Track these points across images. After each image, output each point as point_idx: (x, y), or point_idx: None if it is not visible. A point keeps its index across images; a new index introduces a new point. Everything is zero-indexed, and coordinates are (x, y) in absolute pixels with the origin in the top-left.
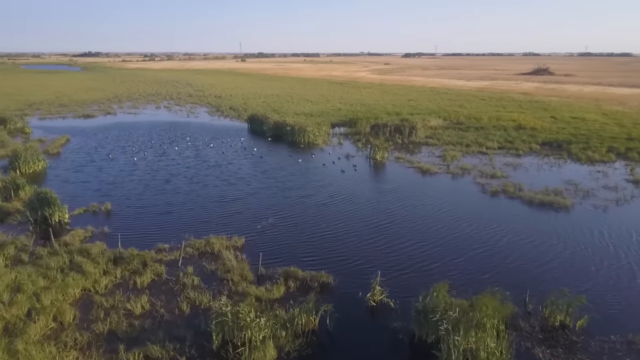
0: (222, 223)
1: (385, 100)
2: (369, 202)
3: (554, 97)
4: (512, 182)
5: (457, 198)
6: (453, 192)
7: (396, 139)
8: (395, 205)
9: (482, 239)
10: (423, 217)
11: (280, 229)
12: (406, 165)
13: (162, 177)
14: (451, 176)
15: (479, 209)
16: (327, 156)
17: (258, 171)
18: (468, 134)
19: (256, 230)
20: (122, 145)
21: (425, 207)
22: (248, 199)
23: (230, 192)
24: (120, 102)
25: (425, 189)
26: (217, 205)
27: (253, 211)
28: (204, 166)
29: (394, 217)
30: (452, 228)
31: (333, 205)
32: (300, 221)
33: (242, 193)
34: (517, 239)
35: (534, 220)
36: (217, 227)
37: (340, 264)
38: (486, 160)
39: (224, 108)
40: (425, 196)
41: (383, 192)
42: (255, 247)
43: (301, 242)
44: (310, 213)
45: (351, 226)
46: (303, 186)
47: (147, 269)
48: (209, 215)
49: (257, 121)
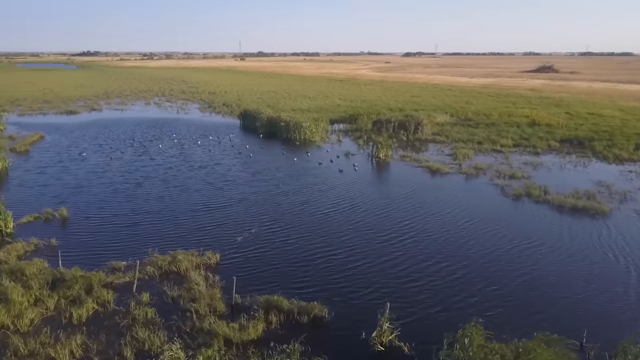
0: (196, 235)
1: (387, 97)
2: (373, 211)
3: (564, 93)
4: (536, 183)
5: (476, 203)
6: (470, 196)
7: (401, 136)
8: (404, 215)
9: (515, 258)
10: (440, 229)
11: (265, 243)
12: (413, 165)
13: (136, 179)
14: (465, 177)
15: (503, 218)
16: (325, 154)
17: (247, 173)
18: (478, 130)
19: (236, 245)
20: (99, 143)
21: (442, 216)
22: (232, 206)
23: (212, 198)
24: (108, 99)
25: (437, 193)
26: (195, 213)
27: (236, 221)
28: (186, 167)
29: (405, 230)
30: (477, 244)
31: (330, 215)
32: (289, 234)
33: (225, 199)
34: (558, 258)
35: (571, 231)
36: (190, 241)
37: (338, 291)
38: (502, 159)
39: (216, 104)
40: (439, 202)
41: (389, 196)
42: (232, 266)
43: (289, 262)
44: (303, 224)
45: (352, 242)
46: (297, 190)
47: (90, 296)
48: (183, 226)
49: (249, 117)
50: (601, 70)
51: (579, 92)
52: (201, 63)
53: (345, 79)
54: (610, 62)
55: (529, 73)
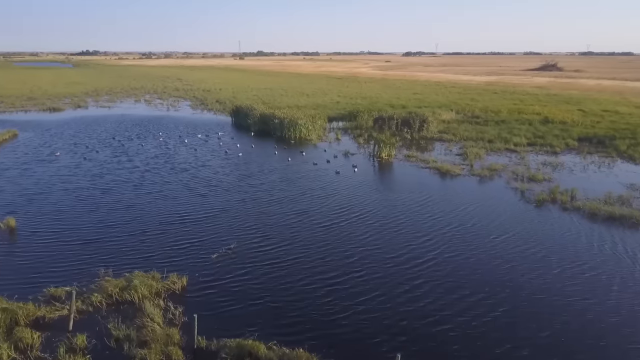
0: (163, 254)
1: (389, 94)
2: (380, 224)
3: (572, 90)
4: (560, 187)
5: (499, 212)
6: (489, 203)
7: (404, 134)
8: (419, 229)
9: (567, 288)
10: (464, 248)
11: (247, 265)
12: (419, 165)
13: (106, 184)
14: (478, 179)
15: (535, 231)
16: (322, 154)
17: (235, 176)
18: (488, 128)
19: (209, 265)
20: (75, 142)
21: (463, 230)
22: (213, 217)
23: (191, 207)
24: (97, 96)
25: (452, 199)
26: (166, 227)
27: (215, 236)
28: (167, 170)
29: (422, 250)
30: (514, 268)
31: (329, 230)
32: (278, 255)
33: (206, 209)
34: (616, 288)
35: (620, 249)
36: (155, 260)
37: (335, 335)
38: (517, 159)
39: (209, 101)
40: (455, 211)
41: (397, 205)
42: (201, 293)
43: (275, 292)
44: (294, 242)
45: (355, 265)
46: (290, 198)
47: (10, 338)
48: (149, 242)
49: (241, 114)
50: (605, 68)
51: (589, 89)
52: (199, 62)
53: (345, 77)
54: (612, 61)
55: (532, 71)
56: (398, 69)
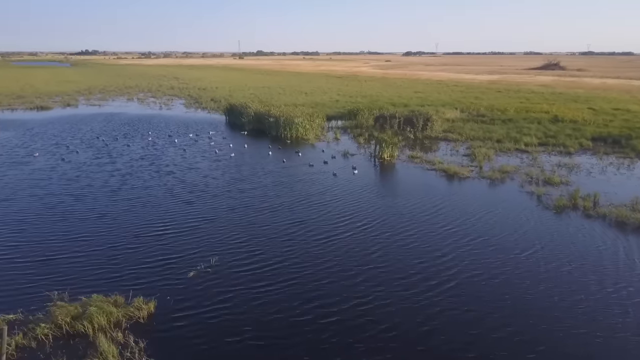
0: (132, 273)
1: (390, 92)
2: (381, 235)
3: (578, 89)
4: (580, 191)
5: (515, 220)
6: (503, 209)
7: (407, 133)
8: (433, 243)
9: (615, 324)
10: (483, 266)
11: (226, 286)
12: (424, 167)
13: (80, 189)
14: (489, 182)
15: (561, 244)
16: (319, 154)
17: (225, 180)
18: (495, 127)
19: (183, 287)
20: (57, 142)
21: (478, 242)
22: (196, 229)
23: (172, 216)
24: (89, 94)
25: (462, 204)
26: (141, 240)
27: (193, 251)
28: (150, 173)
29: (439, 271)
30: (551, 293)
31: (320, 245)
32: (261, 277)
33: (189, 218)
34: None
35: None
36: (121, 280)
37: None
38: (529, 160)
39: (204, 100)
40: (471, 220)
41: (405, 213)
42: (168, 325)
43: (255, 324)
44: (281, 259)
45: (352, 292)
46: (282, 205)
47: None
48: (118, 258)
49: (236, 112)
50: (607, 67)
51: (594, 88)
52: (198, 61)
53: (345, 76)
54: (613, 61)
55: (534, 70)
56: (398, 68)
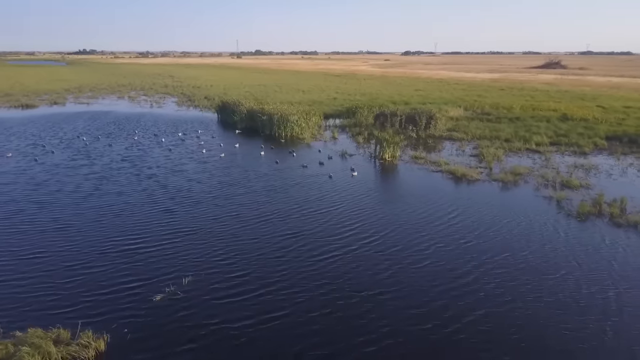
0: (86, 298)
1: (389, 90)
2: (388, 251)
3: (583, 87)
4: (604, 196)
5: (537, 231)
6: (521, 217)
7: (409, 132)
8: (441, 260)
9: None
10: (511, 292)
11: (199, 317)
12: (429, 168)
13: (46, 195)
14: (501, 185)
15: (597, 262)
16: (315, 155)
17: (211, 184)
18: (502, 126)
19: (145, 317)
20: (35, 142)
21: (501, 261)
22: (171, 243)
23: (147, 228)
24: (79, 92)
25: (475, 211)
26: (104, 257)
27: (165, 269)
28: (129, 177)
29: (450, 297)
30: (599, 341)
31: (316, 265)
32: (245, 305)
33: (166, 229)
34: None
35: None
36: (72, 308)
37: None
38: (541, 161)
39: (197, 98)
40: (485, 229)
41: (407, 220)
42: None
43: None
44: (270, 282)
45: (358, 332)
46: (272, 214)
47: None
48: (72, 281)
49: (228, 110)
50: (608, 66)
51: (600, 86)
52: (195, 60)
53: (343, 74)
54: (613, 60)
55: (536, 69)
56: (398, 67)
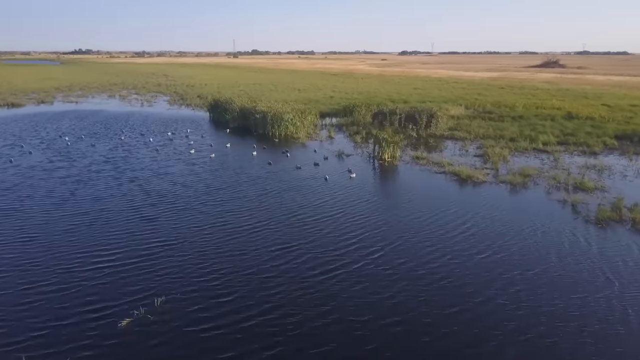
0: (37, 329)
1: (387, 89)
2: (395, 269)
3: (585, 85)
4: (624, 199)
5: (555, 241)
6: (537, 224)
7: (409, 131)
8: (458, 281)
9: None
10: (543, 321)
11: (173, 347)
12: (432, 170)
13: (14, 201)
14: (509, 187)
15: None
16: (311, 155)
17: (196, 189)
18: (505, 124)
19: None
20: (14, 142)
21: (523, 281)
22: (147, 258)
23: (122, 239)
24: (69, 91)
25: (487, 219)
26: (69, 276)
27: (136, 288)
28: (108, 181)
29: (471, 328)
30: None
31: (308, 286)
32: (224, 335)
33: (143, 241)
34: None
35: None
36: (31, 333)
37: None
38: (550, 162)
39: (189, 97)
40: (499, 239)
41: (414, 229)
42: None
43: None
44: (257, 306)
45: None
46: (261, 223)
47: None
48: (26, 305)
49: (220, 109)
50: (607, 66)
51: (601, 85)
52: (191, 60)
53: (340, 73)
54: (609, 60)
55: (534, 68)
56: (395, 66)
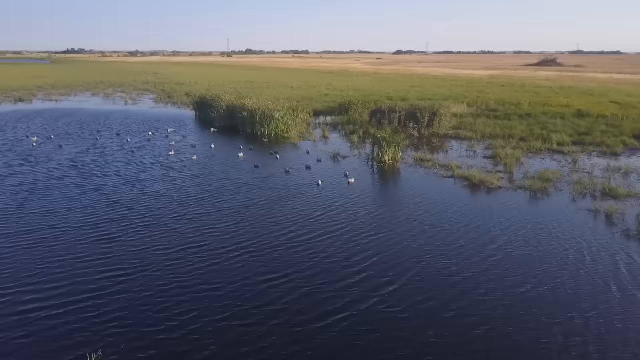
0: None
1: (384, 87)
2: (409, 306)
3: (587, 83)
4: None
5: (597, 262)
6: (570, 240)
7: (410, 130)
8: (490, 324)
9: None
10: None
11: None
12: (439, 173)
13: None
14: (529, 194)
15: None
16: (303, 157)
17: (169, 199)
18: (513, 123)
19: None
20: None
21: (577, 329)
22: (93, 297)
23: (65, 270)
24: (52, 89)
25: (512, 236)
26: None
27: (80, 335)
28: (68, 189)
29: None
30: None
31: (305, 337)
32: None
33: (94, 275)
34: None
35: None
36: None
37: None
38: (568, 164)
39: (177, 95)
40: (535, 266)
41: (428, 252)
42: None
43: None
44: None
45: None
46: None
47: None
48: None
49: (206, 107)
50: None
51: (604, 82)
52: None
53: (336, 71)
54: (605, 59)
55: (532, 66)
56: (391, 65)
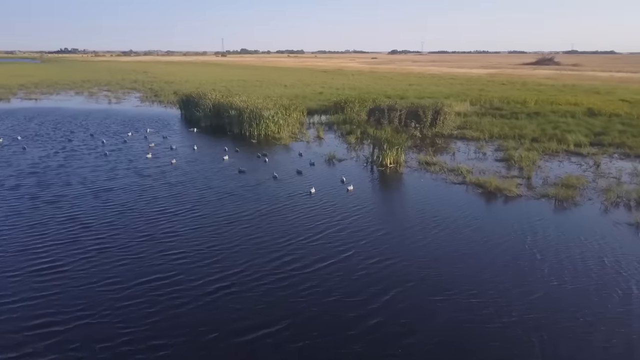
0: None
1: (381, 85)
2: None
3: (588, 81)
4: None
5: None
6: (609, 262)
7: (412, 130)
8: None
9: None
10: None
11: None
12: (447, 179)
13: None
14: (554, 204)
15: None
16: (294, 160)
17: (137, 213)
18: (522, 122)
19: None
20: None
21: None
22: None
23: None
24: (34, 88)
25: (536, 255)
26: None
27: None
28: (19, 201)
29: None
30: None
31: None
32: None
33: (37, 311)
34: None
35: None
36: None
37: None
38: (590, 167)
39: (165, 93)
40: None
41: (441, 284)
42: None
43: None
44: None
45: None
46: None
47: None
48: None
49: (192, 105)
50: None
51: (607, 80)
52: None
53: (330, 70)
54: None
55: (530, 65)
56: (387, 64)
